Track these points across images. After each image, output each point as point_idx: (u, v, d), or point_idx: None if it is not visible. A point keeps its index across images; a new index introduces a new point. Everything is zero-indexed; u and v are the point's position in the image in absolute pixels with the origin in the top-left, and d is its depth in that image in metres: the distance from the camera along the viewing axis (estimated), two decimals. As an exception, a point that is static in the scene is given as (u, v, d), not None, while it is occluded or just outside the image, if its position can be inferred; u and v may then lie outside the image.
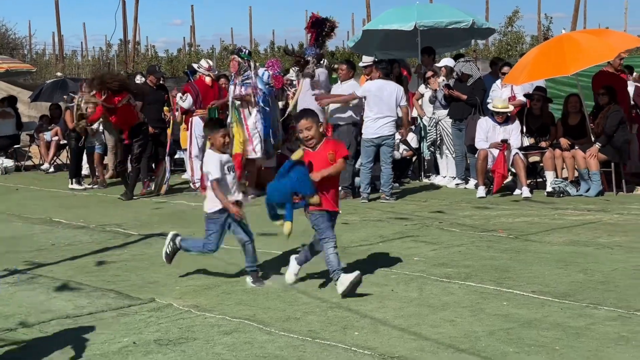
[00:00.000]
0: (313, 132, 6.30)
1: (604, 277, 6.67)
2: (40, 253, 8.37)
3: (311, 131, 6.29)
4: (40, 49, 38.78)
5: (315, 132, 6.31)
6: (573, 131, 12.10)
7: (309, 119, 6.32)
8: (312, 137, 6.31)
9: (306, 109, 6.96)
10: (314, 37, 12.40)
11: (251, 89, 12.02)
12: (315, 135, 6.32)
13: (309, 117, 6.34)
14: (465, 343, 5.02)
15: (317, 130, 6.32)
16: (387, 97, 11.55)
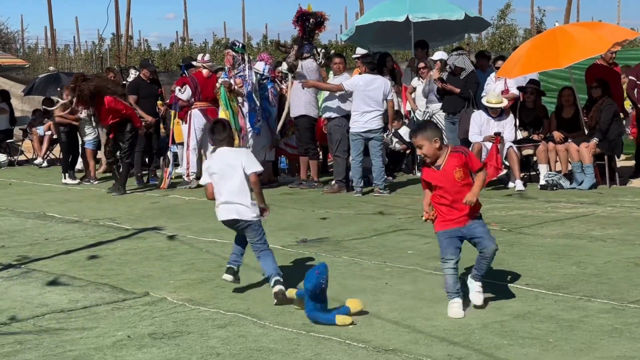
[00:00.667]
0: (426, 150, 5.62)
1: (597, 269, 6.69)
2: (33, 247, 8.36)
3: (423, 149, 5.63)
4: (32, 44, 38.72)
5: (429, 148, 5.60)
6: (567, 124, 12.11)
7: (419, 135, 5.66)
8: (425, 154, 5.66)
9: (421, 125, 6.25)
10: (301, 32, 12.41)
11: (240, 80, 12.05)
12: (429, 151, 5.62)
13: (419, 134, 5.67)
14: (459, 336, 5.04)
15: (430, 146, 5.60)
16: (375, 91, 11.56)
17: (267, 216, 6.34)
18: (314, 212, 10.20)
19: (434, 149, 5.61)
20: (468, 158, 5.65)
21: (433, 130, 5.71)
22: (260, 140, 12.62)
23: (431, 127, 5.81)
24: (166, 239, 8.64)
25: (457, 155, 5.63)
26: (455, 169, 5.60)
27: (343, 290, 6.19)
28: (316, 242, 8.17)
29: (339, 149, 11.92)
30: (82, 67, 29.49)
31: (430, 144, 5.60)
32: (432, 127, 5.82)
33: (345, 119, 11.93)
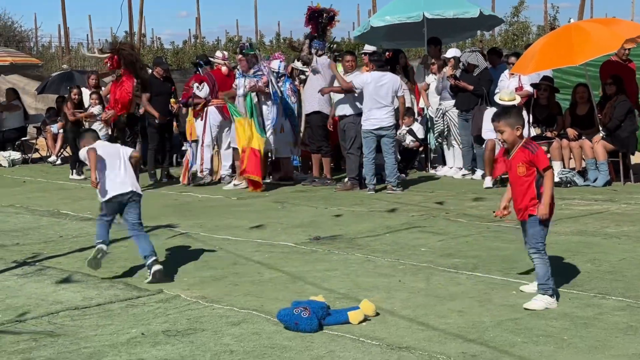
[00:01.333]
0: (507, 136, 5.67)
1: (612, 267, 6.66)
2: (48, 245, 8.40)
3: (504, 135, 5.68)
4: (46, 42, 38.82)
5: (509, 135, 5.66)
6: (581, 121, 12.06)
7: (501, 121, 5.69)
8: (505, 140, 5.70)
9: (505, 110, 6.16)
10: (314, 30, 12.41)
11: (265, 79, 12.05)
12: (509, 138, 5.67)
13: (502, 119, 5.70)
14: (473, 333, 5.03)
15: (511, 133, 5.65)
16: (384, 88, 11.54)
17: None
18: (327, 209, 10.20)
19: (514, 136, 5.66)
20: (535, 156, 5.60)
21: (517, 118, 5.72)
22: (284, 137, 12.64)
23: (515, 114, 5.78)
24: (179, 237, 8.65)
25: (525, 151, 5.63)
26: (519, 163, 5.65)
27: (356, 287, 6.20)
28: (329, 240, 8.17)
29: (353, 147, 11.91)
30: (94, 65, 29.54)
31: (512, 130, 5.65)
32: (516, 114, 5.79)
33: (360, 117, 11.92)
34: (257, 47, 12.44)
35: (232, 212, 10.22)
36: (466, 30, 16.97)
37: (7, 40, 32.24)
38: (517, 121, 5.68)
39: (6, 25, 35.88)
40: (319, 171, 12.75)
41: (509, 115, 5.72)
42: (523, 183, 5.66)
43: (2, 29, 35.08)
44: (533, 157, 5.59)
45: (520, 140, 5.69)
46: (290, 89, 12.71)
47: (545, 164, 5.62)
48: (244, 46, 12.53)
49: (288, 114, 12.66)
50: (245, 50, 12.30)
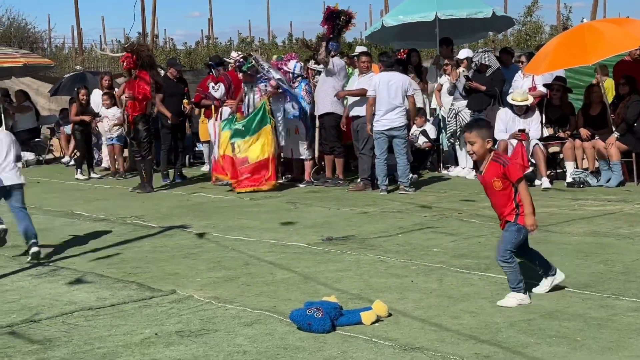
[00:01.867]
0: (477, 148, 5.58)
1: (625, 267, 6.64)
2: (61, 245, 8.43)
3: (474, 146, 5.59)
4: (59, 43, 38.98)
5: (480, 147, 5.57)
6: (594, 121, 12.03)
7: (474, 131, 5.60)
8: (475, 152, 5.63)
9: (477, 119, 6.27)
10: (329, 31, 12.40)
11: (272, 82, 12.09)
12: (479, 150, 5.59)
13: (474, 130, 5.62)
14: (486, 334, 5.02)
15: (482, 145, 5.57)
16: (394, 88, 11.53)
17: None
18: (339, 210, 10.20)
19: (484, 149, 5.60)
20: (506, 169, 5.55)
21: (488, 130, 5.70)
22: (299, 138, 12.68)
23: (487, 126, 5.75)
24: (192, 237, 8.68)
25: (496, 165, 5.58)
26: (494, 178, 5.61)
27: (368, 288, 6.21)
28: (341, 240, 8.18)
29: (366, 147, 11.91)
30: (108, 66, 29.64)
31: (483, 142, 5.58)
32: (487, 126, 5.76)
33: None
34: (250, 61, 12.29)
35: (244, 213, 10.24)
36: (478, 31, 16.94)
37: (20, 42, 32.40)
38: (489, 133, 5.65)
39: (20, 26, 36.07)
40: (331, 172, 12.75)
41: (480, 127, 5.66)
42: (502, 196, 5.64)
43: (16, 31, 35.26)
44: (505, 170, 5.53)
45: (489, 154, 5.61)
46: (305, 89, 12.72)
47: (517, 175, 5.55)
48: (241, 64, 12.44)
49: (302, 114, 12.68)
50: (245, 68, 12.27)
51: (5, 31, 34.59)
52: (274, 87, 12.12)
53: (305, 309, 5.28)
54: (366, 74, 12.17)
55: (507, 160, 5.66)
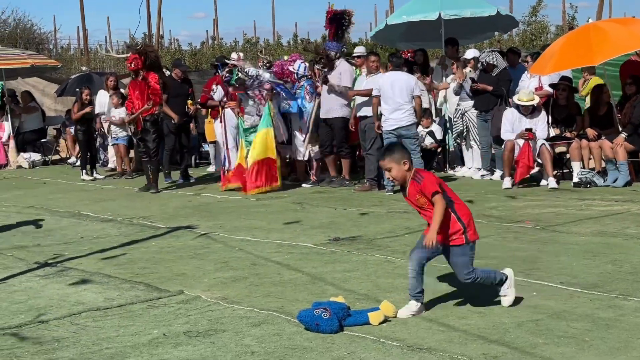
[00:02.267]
0: (395, 173, 5.49)
1: (633, 267, 6.62)
2: (69, 246, 8.45)
3: (392, 172, 5.50)
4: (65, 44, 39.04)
5: (397, 172, 5.47)
6: (600, 121, 12.01)
7: (387, 158, 5.50)
8: (394, 177, 5.53)
9: (388, 145, 5.93)
10: (333, 32, 12.37)
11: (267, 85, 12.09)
12: (398, 175, 5.49)
13: (387, 157, 5.51)
14: (494, 334, 5.02)
15: (399, 169, 5.46)
16: (399, 87, 11.53)
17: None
18: (345, 210, 10.20)
19: (403, 171, 5.47)
20: (422, 185, 5.42)
21: (400, 152, 5.51)
22: (299, 139, 12.68)
23: (398, 149, 5.58)
24: (199, 238, 8.69)
25: (414, 183, 5.46)
26: (416, 196, 5.49)
27: (375, 288, 6.20)
28: (348, 241, 8.18)
29: (373, 147, 11.90)
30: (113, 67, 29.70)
31: (399, 166, 5.45)
32: (399, 149, 5.59)
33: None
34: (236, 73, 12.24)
35: (251, 213, 10.25)
36: (483, 31, 16.92)
37: (26, 43, 32.45)
38: (403, 155, 5.47)
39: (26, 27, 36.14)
40: (335, 172, 12.74)
41: (392, 152, 5.52)
42: (431, 209, 5.46)
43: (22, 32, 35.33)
44: (421, 187, 5.41)
45: (409, 173, 5.48)
46: (307, 90, 12.71)
47: (432, 189, 5.37)
48: (228, 78, 12.34)
49: (304, 114, 12.68)
50: (232, 81, 12.25)
51: (12, 32, 34.65)
52: (269, 89, 12.11)
53: (312, 309, 5.28)
54: (375, 74, 12.16)
55: (422, 176, 5.48)
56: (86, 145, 14.98)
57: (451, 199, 5.52)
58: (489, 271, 5.65)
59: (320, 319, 5.16)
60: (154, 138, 12.50)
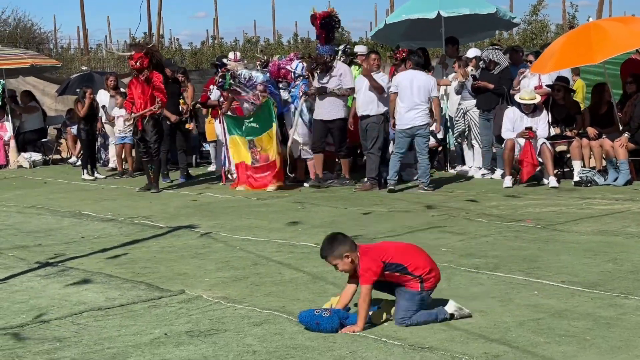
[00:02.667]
0: (342, 267, 5.30)
1: (634, 266, 6.63)
2: (70, 246, 8.46)
3: (340, 267, 5.31)
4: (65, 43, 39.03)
5: (344, 265, 5.28)
6: (600, 120, 12.01)
7: (329, 257, 5.30)
8: (344, 271, 5.34)
9: (325, 242, 5.41)
10: (324, 37, 12.30)
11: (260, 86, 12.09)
12: (346, 268, 5.30)
13: (328, 255, 5.30)
14: (496, 333, 5.02)
15: (344, 263, 5.26)
16: (418, 87, 11.53)
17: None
18: (346, 209, 10.21)
19: (349, 264, 5.26)
20: (360, 275, 5.22)
21: (340, 245, 5.27)
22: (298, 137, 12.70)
23: (337, 241, 5.31)
24: (200, 237, 8.69)
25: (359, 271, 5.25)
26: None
27: (378, 287, 6.20)
28: (349, 240, 8.17)
29: (374, 147, 11.90)
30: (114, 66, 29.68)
31: (343, 260, 5.25)
32: (338, 241, 5.31)
33: (383, 117, 11.92)
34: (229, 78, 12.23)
35: (252, 213, 10.25)
36: (483, 30, 16.93)
37: (26, 42, 32.45)
38: (343, 248, 5.25)
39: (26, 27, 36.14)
40: (321, 171, 12.58)
41: (331, 248, 5.28)
42: (390, 280, 5.33)
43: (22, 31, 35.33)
44: (362, 273, 5.20)
45: (355, 263, 5.25)
46: (302, 89, 12.70)
47: (364, 282, 5.17)
48: (222, 83, 12.30)
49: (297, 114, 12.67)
50: (225, 87, 12.24)
51: (12, 32, 34.65)
52: (262, 91, 12.10)
53: (313, 309, 5.29)
54: (376, 72, 12.14)
55: (361, 266, 5.24)
56: (88, 144, 15.00)
57: (402, 265, 5.26)
58: (429, 314, 5.29)
59: (321, 318, 5.16)
60: (156, 138, 12.50)
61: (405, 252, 5.42)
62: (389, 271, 5.27)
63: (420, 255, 5.45)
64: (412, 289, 5.30)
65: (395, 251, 5.38)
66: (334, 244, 5.33)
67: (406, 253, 5.40)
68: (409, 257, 5.34)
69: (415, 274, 5.30)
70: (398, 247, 5.55)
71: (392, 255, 5.29)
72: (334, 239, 5.37)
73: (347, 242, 5.33)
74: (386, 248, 5.43)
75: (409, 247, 5.57)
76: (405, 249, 5.51)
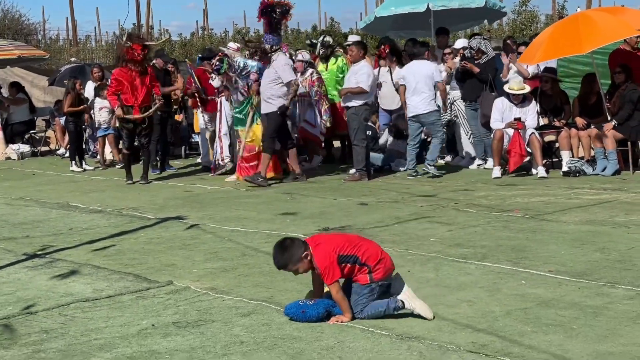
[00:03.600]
0: (302, 269, 5.25)
1: (621, 255, 6.65)
2: (57, 237, 8.43)
3: (300, 271, 5.27)
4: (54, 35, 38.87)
5: (303, 267, 5.23)
6: (589, 110, 12.02)
7: (288, 265, 5.25)
8: (305, 271, 5.30)
9: (276, 252, 5.30)
10: (267, 25, 12.15)
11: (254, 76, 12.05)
12: (306, 267, 5.24)
13: (287, 265, 5.25)
14: (483, 323, 5.03)
15: (303, 264, 5.21)
16: (418, 76, 11.94)
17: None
18: (335, 200, 10.20)
19: (307, 262, 5.21)
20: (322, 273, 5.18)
21: (294, 248, 5.21)
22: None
23: (291, 247, 5.22)
24: (189, 228, 8.67)
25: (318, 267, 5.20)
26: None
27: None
28: (338, 230, 8.17)
29: (357, 138, 11.89)
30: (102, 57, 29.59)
31: (297, 265, 5.21)
32: (291, 246, 5.22)
33: (363, 107, 11.87)
34: (226, 62, 12.16)
35: (241, 204, 10.24)
36: (472, 19, 16.96)
37: (15, 34, 32.30)
38: (298, 251, 5.17)
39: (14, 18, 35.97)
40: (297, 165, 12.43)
41: (289, 256, 5.19)
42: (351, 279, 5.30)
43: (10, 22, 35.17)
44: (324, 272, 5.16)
45: (310, 262, 5.20)
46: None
47: (328, 281, 5.15)
48: (218, 67, 12.18)
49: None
50: (222, 70, 12.18)
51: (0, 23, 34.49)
52: (255, 80, 12.06)
53: (298, 300, 5.31)
54: (359, 63, 12.06)
55: (320, 266, 5.18)
56: (76, 136, 14.94)
57: (355, 256, 5.19)
58: (379, 305, 5.20)
59: (306, 307, 5.17)
60: (146, 134, 12.52)
61: (356, 242, 5.32)
62: (343, 263, 5.17)
63: (370, 244, 5.38)
64: (361, 282, 5.23)
65: (346, 242, 5.28)
66: (289, 251, 5.21)
67: (356, 243, 5.29)
68: (359, 248, 5.25)
69: (368, 264, 5.20)
70: (348, 238, 5.44)
71: (344, 247, 5.22)
72: (286, 246, 5.23)
73: (298, 244, 5.25)
74: (337, 240, 5.31)
75: (358, 237, 5.50)
76: (355, 239, 5.42)
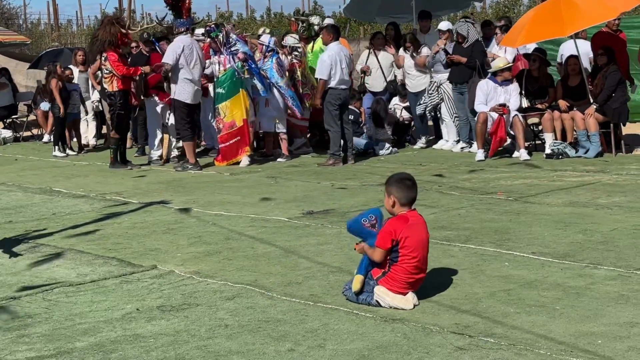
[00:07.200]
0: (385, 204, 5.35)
1: (604, 237, 6.70)
2: (41, 222, 8.39)
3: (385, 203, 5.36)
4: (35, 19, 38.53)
5: (387, 203, 5.35)
6: (573, 93, 12.06)
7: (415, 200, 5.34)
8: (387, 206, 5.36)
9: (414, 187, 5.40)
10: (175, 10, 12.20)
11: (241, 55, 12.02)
12: (387, 207, 5.36)
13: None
14: (466, 304, 5.06)
15: (387, 201, 5.34)
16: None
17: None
18: (319, 184, 10.21)
19: (390, 204, 5.32)
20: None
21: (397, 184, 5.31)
22: (268, 112, 12.64)
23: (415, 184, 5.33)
24: (173, 213, 8.66)
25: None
26: None
27: (349, 261, 6.21)
28: (322, 214, 8.19)
29: (327, 123, 11.93)
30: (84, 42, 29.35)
31: (389, 198, 5.29)
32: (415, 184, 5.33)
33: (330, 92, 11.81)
34: (220, 30, 12.18)
35: (224, 188, 10.22)
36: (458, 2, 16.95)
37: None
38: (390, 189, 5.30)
39: (-6, 3, 35.63)
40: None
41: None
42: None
43: (-9, 7, 34.84)
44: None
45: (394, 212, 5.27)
46: (276, 63, 12.60)
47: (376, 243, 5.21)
48: (212, 29, 12.26)
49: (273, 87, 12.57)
50: (213, 34, 12.16)
51: (-20, 8, 34.18)
52: (242, 59, 12.03)
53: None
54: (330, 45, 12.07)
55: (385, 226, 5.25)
56: (60, 121, 14.81)
57: (398, 253, 5.15)
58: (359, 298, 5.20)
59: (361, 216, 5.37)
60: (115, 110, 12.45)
61: (417, 254, 5.15)
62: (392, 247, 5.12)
63: (422, 268, 5.23)
64: (374, 274, 5.22)
65: (417, 243, 5.15)
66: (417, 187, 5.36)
67: (415, 255, 5.13)
68: (411, 258, 5.12)
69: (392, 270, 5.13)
70: (424, 244, 5.24)
71: (408, 242, 5.11)
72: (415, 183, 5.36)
73: (400, 189, 5.27)
74: (417, 231, 5.19)
75: (425, 257, 5.26)
76: (423, 253, 5.22)
